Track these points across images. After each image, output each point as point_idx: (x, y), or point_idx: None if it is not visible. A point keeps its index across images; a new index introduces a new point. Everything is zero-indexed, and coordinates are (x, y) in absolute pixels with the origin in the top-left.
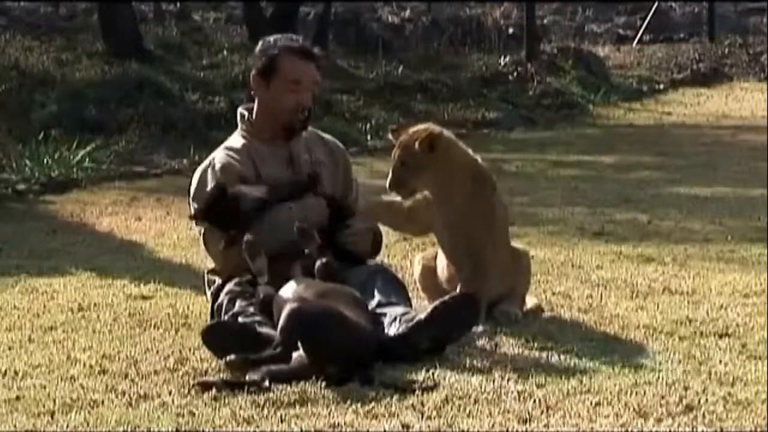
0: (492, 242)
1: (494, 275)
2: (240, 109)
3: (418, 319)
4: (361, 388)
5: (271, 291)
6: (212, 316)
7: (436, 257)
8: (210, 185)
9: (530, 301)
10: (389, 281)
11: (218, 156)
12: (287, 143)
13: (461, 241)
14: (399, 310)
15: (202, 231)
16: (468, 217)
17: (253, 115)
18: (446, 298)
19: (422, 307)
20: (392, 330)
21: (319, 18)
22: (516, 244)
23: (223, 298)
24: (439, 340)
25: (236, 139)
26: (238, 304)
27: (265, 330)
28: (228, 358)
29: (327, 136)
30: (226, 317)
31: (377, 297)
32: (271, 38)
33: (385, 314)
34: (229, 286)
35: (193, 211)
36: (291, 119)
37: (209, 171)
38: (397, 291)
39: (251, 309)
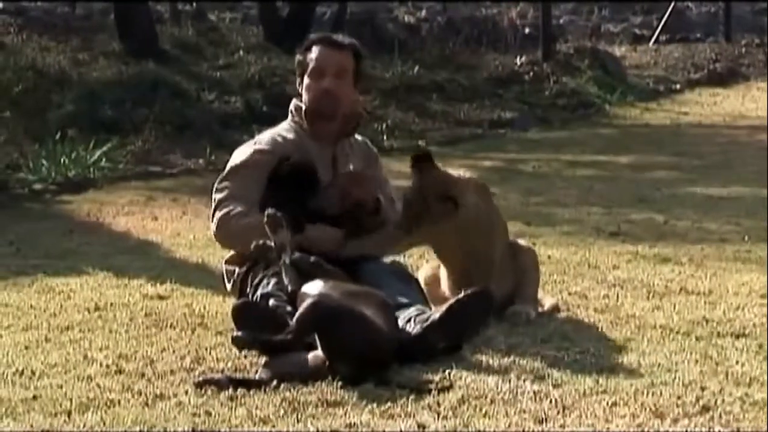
0: (495, 244)
1: (498, 274)
2: (294, 101)
3: (433, 319)
4: (377, 389)
5: (297, 285)
6: (240, 295)
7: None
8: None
9: (548, 302)
10: (404, 280)
11: (265, 137)
12: (333, 144)
13: (473, 252)
14: (413, 310)
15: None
16: (478, 229)
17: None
18: (460, 296)
19: (436, 306)
20: (407, 330)
21: (335, 18)
22: (522, 240)
23: (262, 274)
24: (456, 338)
25: (285, 127)
26: (273, 284)
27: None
28: (234, 333)
29: (362, 141)
30: (259, 292)
31: (395, 298)
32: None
33: (398, 316)
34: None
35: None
36: (317, 106)
37: (253, 147)
38: (413, 291)
39: (283, 295)
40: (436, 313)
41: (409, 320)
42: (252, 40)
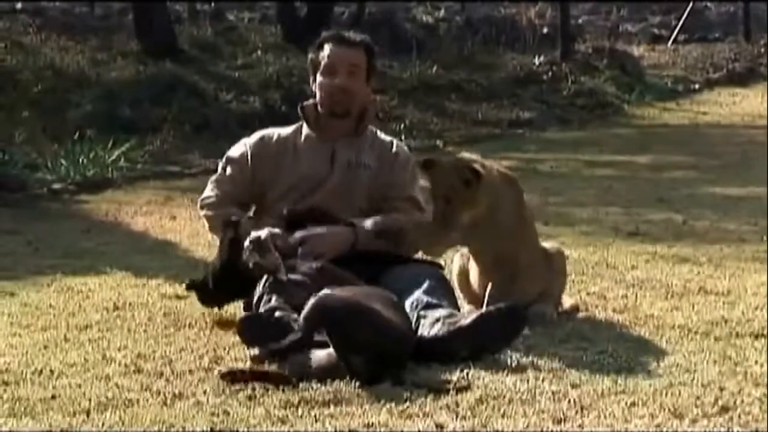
0: (524, 244)
1: (527, 277)
2: (304, 103)
3: (461, 324)
4: (394, 388)
5: (301, 298)
6: (247, 308)
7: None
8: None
9: (567, 302)
10: (437, 282)
11: (257, 134)
12: (332, 142)
13: (500, 250)
14: (443, 311)
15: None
16: (506, 225)
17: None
18: (492, 308)
19: (467, 312)
20: (433, 331)
21: (353, 17)
22: (551, 243)
23: (263, 290)
24: (478, 349)
25: (288, 129)
26: (275, 298)
27: None
28: (252, 353)
29: (387, 140)
30: (263, 309)
31: (424, 297)
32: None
33: (426, 315)
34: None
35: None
36: (330, 103)
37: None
38: (445, 293)
39: (288, 307)
40: (465, 319)
41: (437, 320)
42: (270, 40)
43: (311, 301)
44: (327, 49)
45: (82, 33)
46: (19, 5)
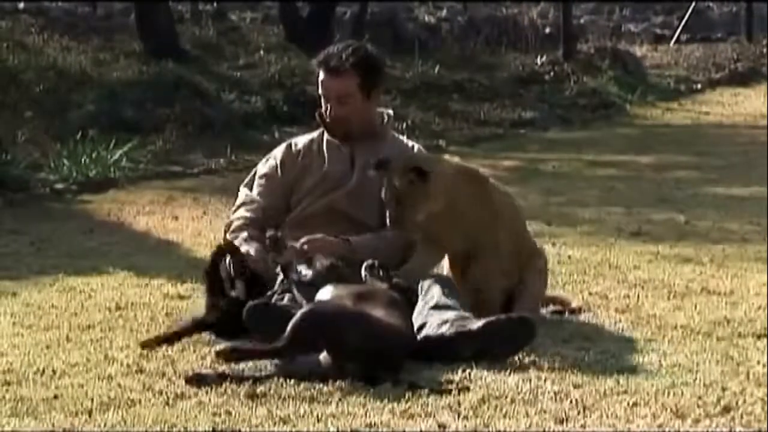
0: (504, 233)
1: (499, 269)
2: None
3: (469, 328)
4: (396, 388)
5: (310, 298)
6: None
7: None
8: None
9: (574, 302)
10: (450, 288)
11: (283, 145)
12: (352, 145)
13: (469, 243)
14: (453, 314)
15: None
16: (472, 219)
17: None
18: (502, 316)
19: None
20: (440, 331)
21: (356, 18)
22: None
23: (277, 287)
24: (483, 353)
25: (313, 134)
26: (288, 298)
27: None
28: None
29: (408, 144)
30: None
31: (437, 296)
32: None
33: (434, 315)
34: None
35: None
36: (329, 128)
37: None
38: (457, 298)
39: (298, 307)
40: (474, 323)
41: (445, 321)
42: (272, 40)
43: (299, 312)
44: (320, 75)
45: (84, 33)
46: (21, 5)
